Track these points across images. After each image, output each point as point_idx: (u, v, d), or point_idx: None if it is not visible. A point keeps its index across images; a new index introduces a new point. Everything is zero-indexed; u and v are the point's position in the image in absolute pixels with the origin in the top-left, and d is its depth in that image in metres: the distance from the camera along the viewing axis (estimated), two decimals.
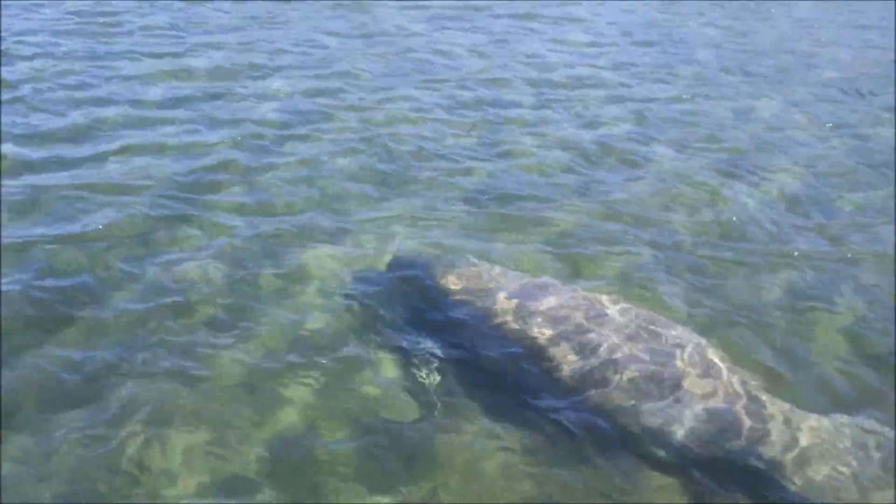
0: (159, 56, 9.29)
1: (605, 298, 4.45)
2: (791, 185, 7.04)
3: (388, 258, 5.20)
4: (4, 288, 4.56)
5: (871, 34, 14.76)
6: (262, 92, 8.44)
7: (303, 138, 7.27)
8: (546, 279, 4.80)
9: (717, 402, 3.71)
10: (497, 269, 4.83)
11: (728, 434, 3.61)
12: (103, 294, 4.68)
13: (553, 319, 4.22)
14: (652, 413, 3.69)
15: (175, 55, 9.41)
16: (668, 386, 3.77)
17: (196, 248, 5.25)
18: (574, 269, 5.33)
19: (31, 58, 8.80)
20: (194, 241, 5.34)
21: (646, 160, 7.38)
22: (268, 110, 7.89)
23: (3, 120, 7.01)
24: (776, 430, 3.61)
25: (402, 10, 13.12)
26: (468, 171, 6.83)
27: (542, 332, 4.15)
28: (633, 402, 3.75)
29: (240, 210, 5.83)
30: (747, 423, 3.63)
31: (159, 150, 6.73)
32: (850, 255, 5.78)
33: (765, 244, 5.94)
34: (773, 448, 3.53)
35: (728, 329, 4.74)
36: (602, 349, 3.98)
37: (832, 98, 10.11)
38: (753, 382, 3.93)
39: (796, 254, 5.77)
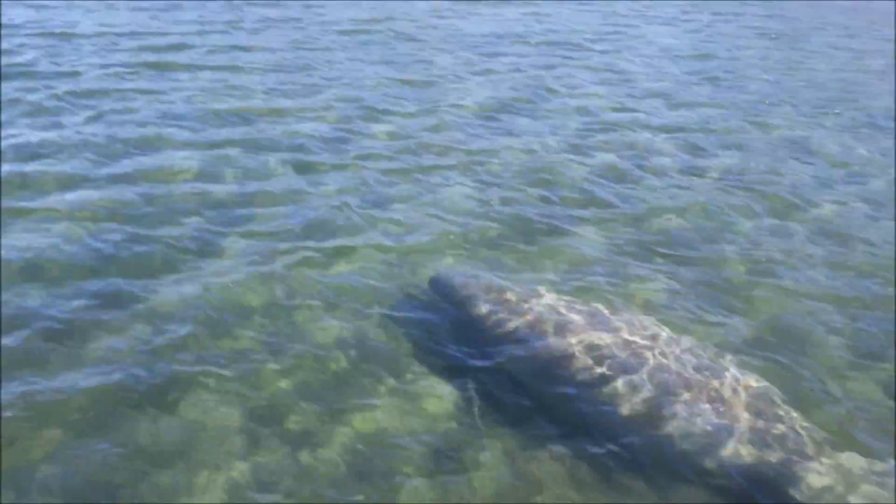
0: (255, 94, 9.13)
1: (682, 338, 4.61)
2: (846, 224, 7.15)
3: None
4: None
5: None
6: (367, 131, 8.23)
7: (414, 180, 7.12)
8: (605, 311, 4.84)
9: (760, 428, 3.96)
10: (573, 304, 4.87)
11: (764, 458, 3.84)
12: (223, 335, 4.71)
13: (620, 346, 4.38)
14: (699, 434, 3.90)
15: (282, 94, 9.25)
16: (717, 409, 4.01)
17: (307, 294, 5.19)
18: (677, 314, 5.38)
19: (107, 92, 8.66)
20: (303, 289, 5.25)
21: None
22: (373, 149, 7.72)
23: (74, 156, 6.86)
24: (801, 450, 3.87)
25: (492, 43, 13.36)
26: (604, 219, 6.79)
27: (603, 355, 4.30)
28: (677, 420, 3.96)
29: (352, 253, 5.73)
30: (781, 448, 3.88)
31: (271, 198, 6.53)
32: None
33: (812, 284, 6.01)
34: (803, 475, 3.75)
35: (770, 365, 4.84)
36: (668, 383, 4.14)
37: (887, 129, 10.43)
38: (794, 415, 4.12)
39: (844, 295, 5.87)
